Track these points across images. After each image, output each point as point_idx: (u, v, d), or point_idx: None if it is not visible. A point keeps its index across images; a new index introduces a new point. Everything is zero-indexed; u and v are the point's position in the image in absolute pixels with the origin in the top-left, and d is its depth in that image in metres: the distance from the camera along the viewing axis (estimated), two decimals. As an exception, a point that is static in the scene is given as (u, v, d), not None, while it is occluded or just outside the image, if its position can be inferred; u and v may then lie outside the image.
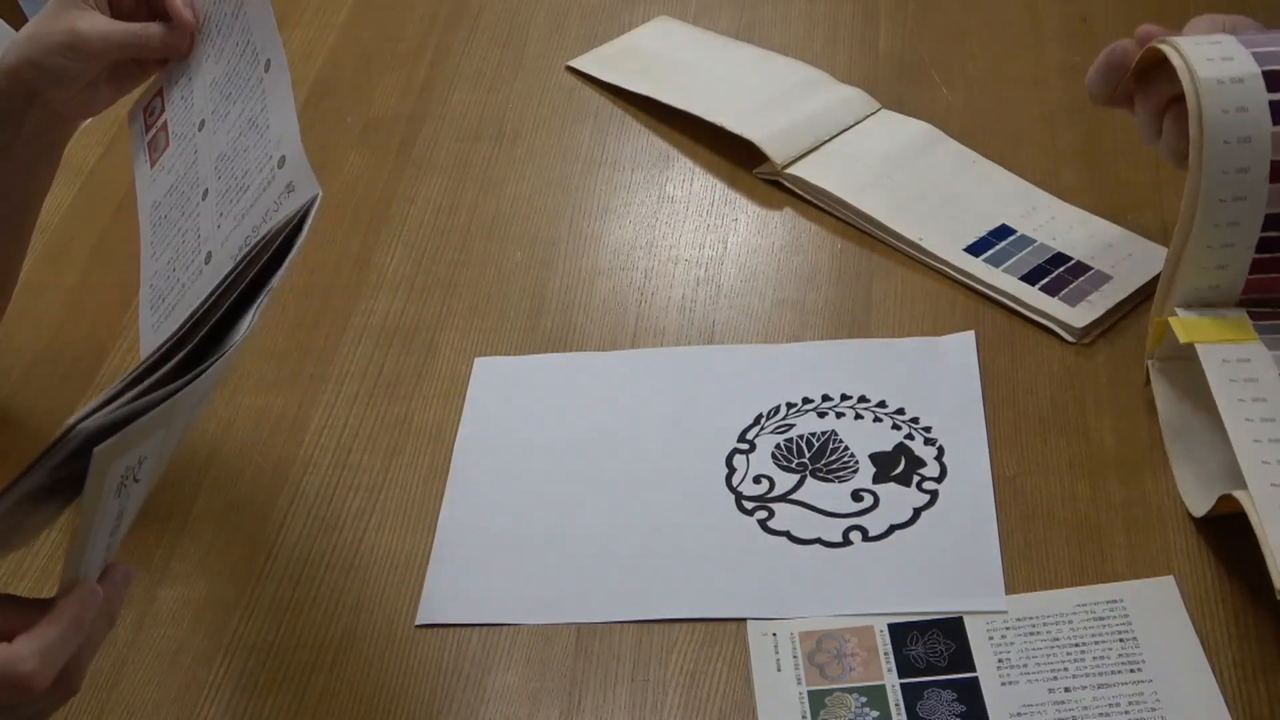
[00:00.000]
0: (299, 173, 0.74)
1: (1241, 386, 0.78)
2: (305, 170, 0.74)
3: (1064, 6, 1.21)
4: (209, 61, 0.87)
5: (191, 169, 0.85)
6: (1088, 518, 0.84)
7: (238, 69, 0.84)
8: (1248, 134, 0.80)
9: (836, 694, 0.77)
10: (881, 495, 0.87)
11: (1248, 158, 0.80)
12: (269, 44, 0.82)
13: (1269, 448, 0.74)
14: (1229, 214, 0.81)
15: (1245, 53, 0.81)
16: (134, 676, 0.84)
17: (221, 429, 0.97)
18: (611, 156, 1.16)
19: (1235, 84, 0.80)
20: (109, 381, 1.02)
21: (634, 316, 1.02)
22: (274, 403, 0.99)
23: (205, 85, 0.87)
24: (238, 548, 0.90)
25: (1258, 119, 0.79)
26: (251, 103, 0.81)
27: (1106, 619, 0.78)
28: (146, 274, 0.86)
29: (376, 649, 0.83)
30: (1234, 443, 0.75)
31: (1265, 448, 0.74)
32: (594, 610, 0.84)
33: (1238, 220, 0.82)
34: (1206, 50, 0.81)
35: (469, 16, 1.32)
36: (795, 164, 1.09)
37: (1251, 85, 0.80)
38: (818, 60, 1.19)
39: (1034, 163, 1.07)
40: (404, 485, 0.92)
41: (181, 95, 0.89)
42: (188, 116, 0.88)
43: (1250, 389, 0.78)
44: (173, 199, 0.86)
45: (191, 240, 0.82)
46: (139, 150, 0.92)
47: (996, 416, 0.90)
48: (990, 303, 0.98)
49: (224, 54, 0.86)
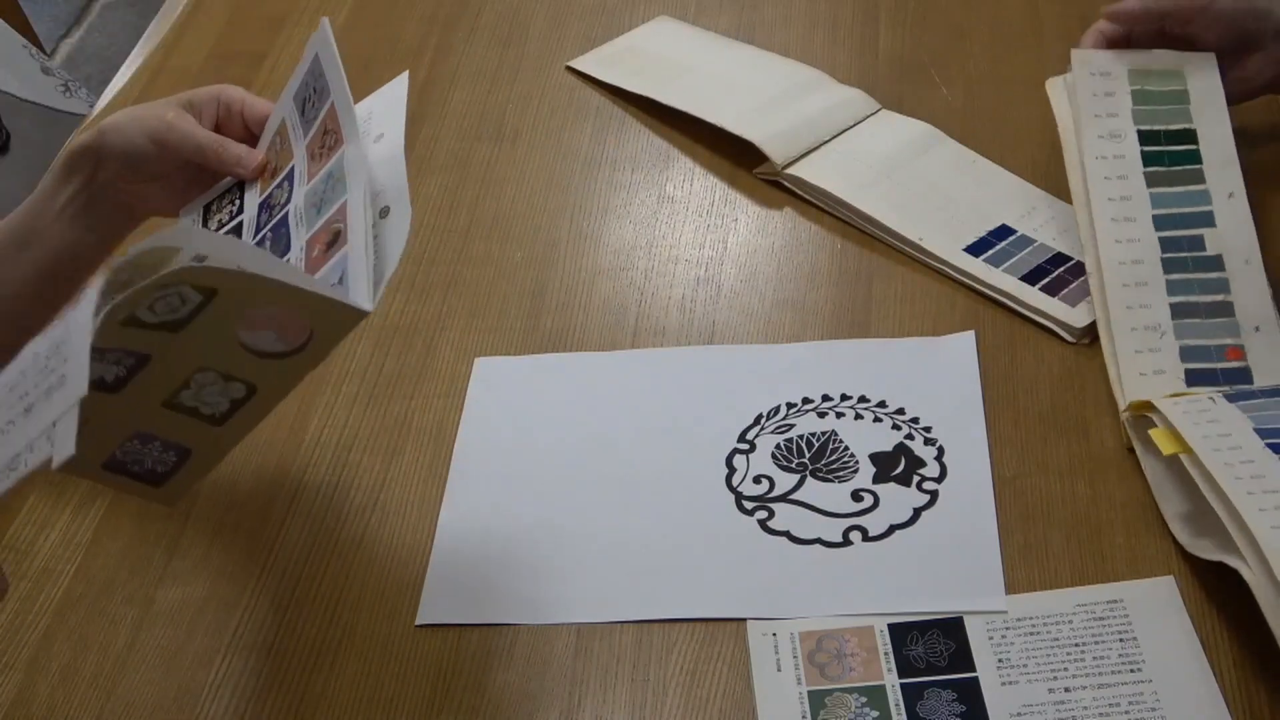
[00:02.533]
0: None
1: (1236, 465, 0.78)
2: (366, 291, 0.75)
3: (1064, 6, 1.21)
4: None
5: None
6: (1088, 518, 0.84)
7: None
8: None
9: (836, 694, 0.77)
10: (881, 495, 0.87)
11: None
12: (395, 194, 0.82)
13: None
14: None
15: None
16: (134, 676, 0.84)
17: (221, 429, 0.97)
18: (611, 156, 1.16)
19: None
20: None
21: (634, 316, 1.02)
22: (274, 403, 0.99)
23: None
24: (238, 548, 0.90)
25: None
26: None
27: (1106, 619, 0.78)
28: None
29: (376, 649, 0.83)
30: (1241, 513, 0.75)
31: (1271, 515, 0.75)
32: (594, 610, 0.84)
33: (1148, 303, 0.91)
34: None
35: (469, 16, 1.32)
36: (795, 164, 1.09)
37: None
38: (818, 60, 1.19)
39: (1034, 163, 1.07)
40: (404, 485, 0.92)
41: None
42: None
43: (1242, 462, 0.78)
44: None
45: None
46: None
47: (996, 416, 0.90)
48: (990, 303, 0.98)
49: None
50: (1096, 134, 0.97)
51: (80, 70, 2.75)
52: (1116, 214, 0.94)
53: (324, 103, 0.85)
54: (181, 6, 1.40)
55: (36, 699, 0.83)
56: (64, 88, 1.61)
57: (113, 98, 1.31)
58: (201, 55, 1.33)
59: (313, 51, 0.87)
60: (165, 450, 0.74)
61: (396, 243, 0.77)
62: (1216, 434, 0.79)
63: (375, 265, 0.76)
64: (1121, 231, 0.93)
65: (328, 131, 0.84)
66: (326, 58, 0.85)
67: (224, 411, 0.73)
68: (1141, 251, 0.92)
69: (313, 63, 0.86)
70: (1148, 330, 0.89)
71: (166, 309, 0.67)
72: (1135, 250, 0.92)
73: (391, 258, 0.76)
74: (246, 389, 0.73)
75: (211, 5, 1.39)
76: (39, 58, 1.62)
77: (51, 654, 0.86)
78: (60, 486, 0.95)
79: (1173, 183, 0.95)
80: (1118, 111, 0.97)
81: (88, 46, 2.86)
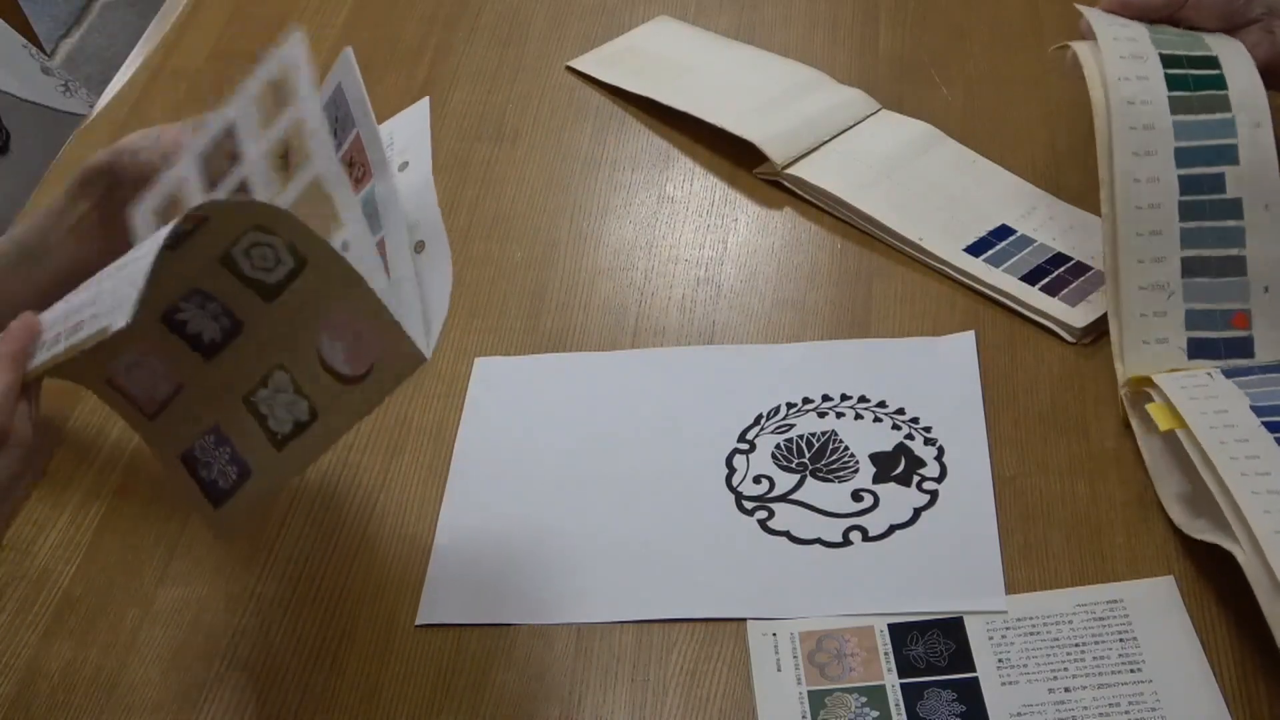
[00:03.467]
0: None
1: (1231, 444, 0.78)
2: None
3: (1064, 6, 1.21)
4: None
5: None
6: (1088, 518, 0.84)
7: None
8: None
9: (836, 694, 0.77)
10: (881, 495, 0.87)
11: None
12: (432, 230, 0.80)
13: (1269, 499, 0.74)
14: (1151, 249, 0.87)
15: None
16: (134, 676, 0.84)
17: (221, 429, 0.97)
18: (611, 156, 1.16)
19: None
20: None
21: (634, 316, 1.02)
22: (274, 403, 0.99)
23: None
24: (238, 548, 0.90)
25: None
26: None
27: (1106, 619, 0.78)
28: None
29: (376, 648, 0.83)
30: (1235, 496, 0.75)
31: (1265, 499, 0.74)
32: (594, 610, 0.84)
33: (1162, 256, 0.87)
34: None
35: (469, 16, 1.32)
36: (795, 164, 1.09)
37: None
38: (818, 60, 1.19)
39: (1034, 163, 1.07)
40: (404, 485, 0.92)
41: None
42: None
43: (1226, 425, 0.78)
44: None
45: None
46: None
47: (996, 416, 0.90)
48: (990, 303, 0.98)
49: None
50: (1119, 54, 0.92)
51: (80, 70, 2.75)
52: (1139, 147, 0.90)
53: (347, 134, 0.84)
54: (181, 6, 1.40)
55: (36, 699, 0.83)
56: (64, 88, 1.61)
57: (113, 98, 1.31)
58: (201, 55, 1.33)
59: (335, 81, 0.85)
60: (232, 462, 0.75)
61: (442, 283, 0.75)
62: (1214, 410, 0.79)
63: (424, 310, 0.74)
64: (1142, 169, 0.89)
65: (354, 164, 0.82)
66: (351, 88, 0.83)
67: (286, 434, 0.73)
68: (1160, 193, 0.89)
69: (335, 93, 0.85)
70: (1156, 289, 0.88)
71: (262, 262, 0.70)
72: (1154, 192, 0.89)
73: (440, 299, 0.74)
74: (310, 412, 0.73)
75: (211, 5, 1.39)
76: (39, 58, 1.62)
77: (51, 654, 0.86)
78: (60, 487, 0.95)
79: (1197, 109, 0.91)
80: (1137, 38, 0.93)
81: (88, 46, 2.86)
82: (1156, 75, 0.91)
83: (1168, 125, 0.90)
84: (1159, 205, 0.89)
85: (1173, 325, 0.88)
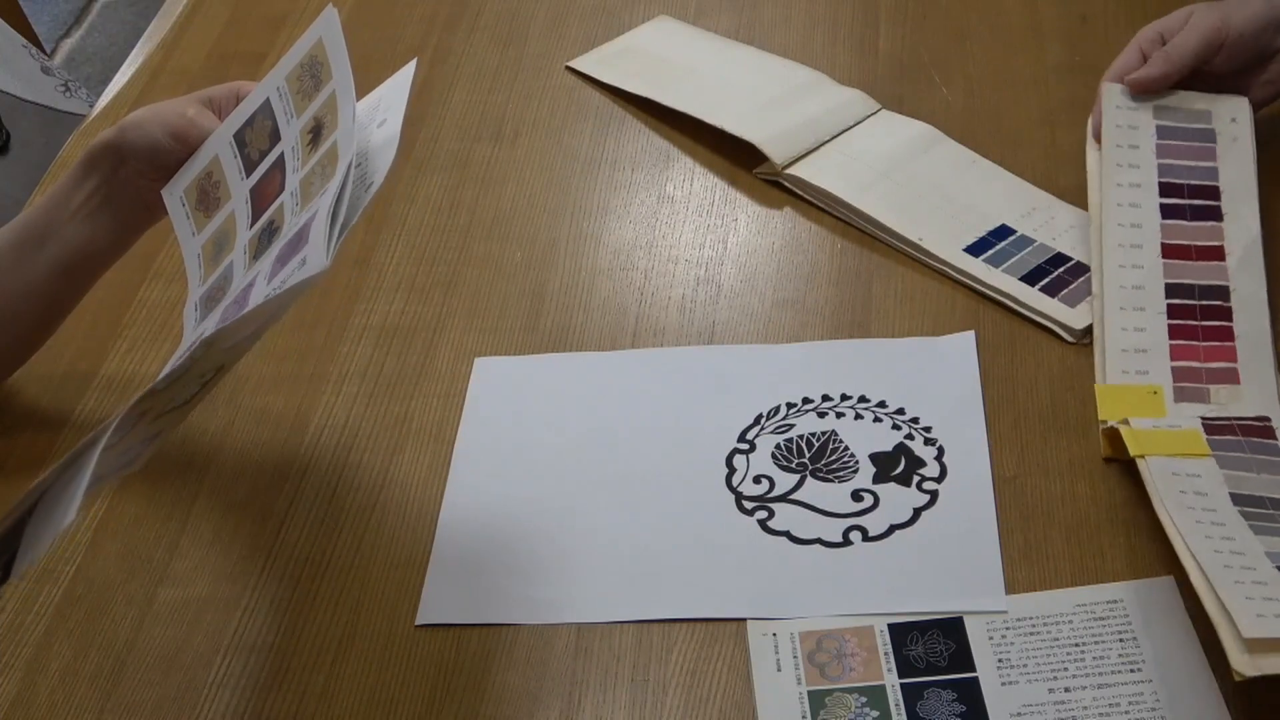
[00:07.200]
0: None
1: (1192, 498, 0.79)
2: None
3: (1064, 6, 1.21)
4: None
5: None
6: (1088, 518, 0.84)
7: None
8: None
9: (836, 694, 0.77)
10: (881, 495, 0.87)
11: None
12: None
13: (1221, 544, 0.76)
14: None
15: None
16: (134, 676, 0.84)
17: (221, 429, 0.97)
18: (611, 156, 1.16)
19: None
20: (109, 382, 1.02)
21: (634, 316, 1.02)
22: (274, 403, 0.99)
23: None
24: (238, 548, 0.90)
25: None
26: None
27: (1106, 619, 0.78)
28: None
29: (376, 649, 0.83)
30: (1186, 538, 0.75)
31: (1216, 543, 0.76)
32: (594, 610, 0.84)
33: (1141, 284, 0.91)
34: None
35: (469, 16, 1.32)
36: (795, 164, 1.09)
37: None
38: (818, 61, 1.19)
39: (1034, 163, 1.07)
40: (404, 485, 0.92)
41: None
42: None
43: (1201, 501, 0.79)
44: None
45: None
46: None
47: (996, 416, 0.90)
48: (990, 303, 0.98)
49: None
50: (1116, 162, 0.97)
51: (80, 70, 2.75)
52: (1124, 239, 0.94)
53: (320, 91, 0.84)
54: (181, 6, 1.40)
55: (36, 699, 0.83)
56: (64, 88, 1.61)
57: (113, 98, 1.31)
58: (201, 55, 1.33)
59: (316, 34, 0.85)
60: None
61: (363, 200, 0.78)
62: (1193, 490, 0.80)
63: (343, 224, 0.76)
64: (1127, 257, 0.93)
65: (321, 122, 0.83)
66: (333, 44, 0.84)
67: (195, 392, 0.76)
68: (1143, 277, 0.92)
69: (314, 46, 0.85)
70: (1138, 353, 0.90)
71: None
72: (1137, 276, 0.93)
73: (355, 214, 0.77)
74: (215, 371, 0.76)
75: (211, 5, 1.39)
76: (39, 58, 1.62)
77: (51, 654, 0.86)
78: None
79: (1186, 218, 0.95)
80: (1139, 144, 0.98)
81: (88, 46, 2.86)
82: (1151, 183, 0.97)
83: (1156, 226, 0.95)
84: (1143, 287, 0.92)
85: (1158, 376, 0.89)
